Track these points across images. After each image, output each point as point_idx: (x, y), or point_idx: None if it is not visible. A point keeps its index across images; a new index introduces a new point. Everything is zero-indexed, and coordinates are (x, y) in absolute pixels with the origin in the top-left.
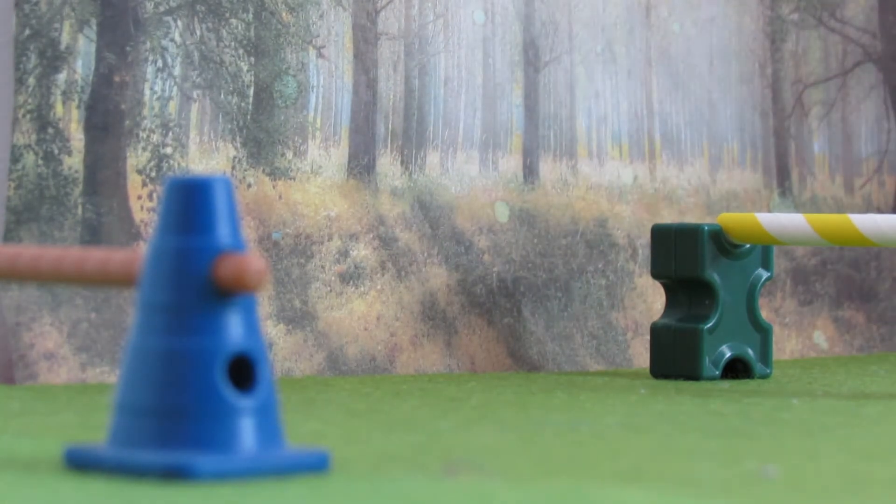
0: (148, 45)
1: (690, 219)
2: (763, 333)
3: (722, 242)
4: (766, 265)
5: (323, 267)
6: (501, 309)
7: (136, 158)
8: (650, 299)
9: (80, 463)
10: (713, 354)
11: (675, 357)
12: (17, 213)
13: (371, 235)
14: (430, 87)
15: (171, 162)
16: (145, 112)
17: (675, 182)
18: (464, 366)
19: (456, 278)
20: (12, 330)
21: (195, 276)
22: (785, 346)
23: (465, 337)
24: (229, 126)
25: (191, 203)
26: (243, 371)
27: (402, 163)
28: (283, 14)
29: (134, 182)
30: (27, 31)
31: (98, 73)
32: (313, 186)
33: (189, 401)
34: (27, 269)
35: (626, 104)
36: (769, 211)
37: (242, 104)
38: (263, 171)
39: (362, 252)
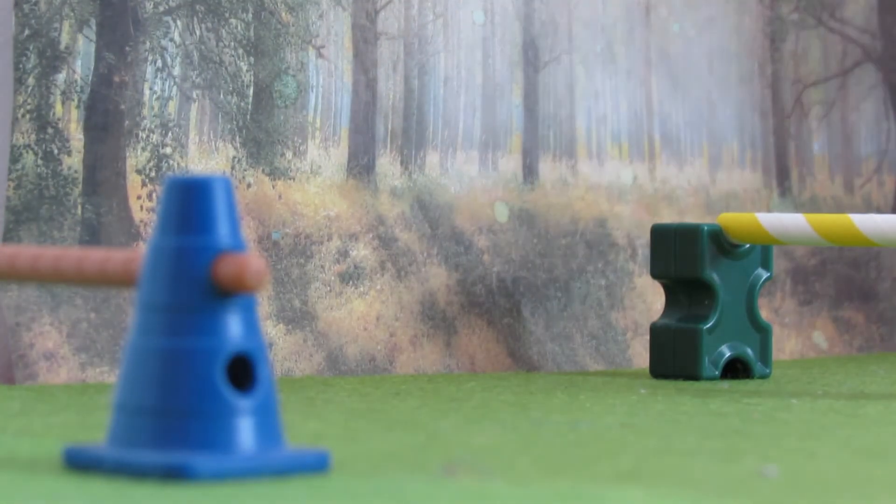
0: (147, 45)
1: (690, 219)
2: (763, 333)
3: (721, 242)
4: (766, 265)
5: (322, 267)
6: (501, 309)
7: (136, 158)
8: (650, 299)
9: (80, 463)
10: (713, 354)
11: (674, 357)
12: (17, 212)
13: (371, 235)
14: (429, 87)
15: (171, 162)
16: (145, 112)
17: (675, 182)
18: (463, 366)
19: (455, 278)
20: (12, 330)
21: (195, 276)
22: (784, 346)
23: (465, 337)
24: (229, 126)
25: (190, 203)
26: (243, 371)
27: (401, 163)
28: (283, 14)
29: (133, 182)
30: (27, 31)
31: (97, 73)
32: (313, 186)
33: (188, 401)
34: (27, 269)
35: (625, 104)
36: (769, 211)
37: (242, 104)
38: (263, 171)
39: (362, 252)
